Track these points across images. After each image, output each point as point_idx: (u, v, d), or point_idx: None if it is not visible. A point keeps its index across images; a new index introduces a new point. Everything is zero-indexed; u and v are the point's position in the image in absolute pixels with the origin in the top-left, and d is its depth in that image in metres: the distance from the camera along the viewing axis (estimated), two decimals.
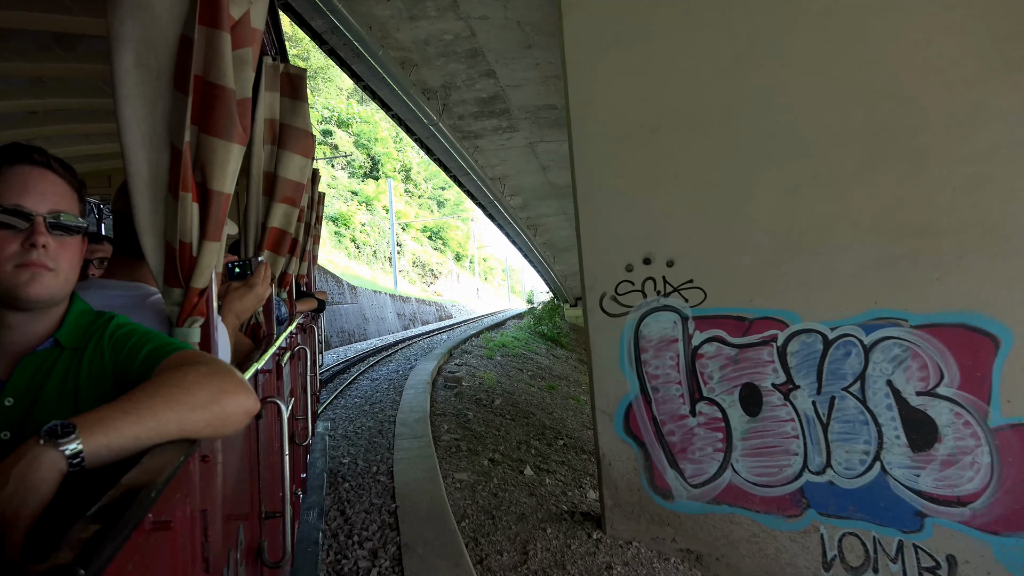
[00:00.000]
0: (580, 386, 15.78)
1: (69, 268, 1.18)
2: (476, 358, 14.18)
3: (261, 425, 2.01)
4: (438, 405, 7.88)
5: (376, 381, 9.87)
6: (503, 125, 13.84)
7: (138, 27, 1.24)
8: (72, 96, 3.13)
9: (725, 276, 4.38)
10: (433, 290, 43.23)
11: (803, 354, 4.12)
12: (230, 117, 1.36)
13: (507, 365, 14.59)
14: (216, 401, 1.06)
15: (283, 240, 2.79)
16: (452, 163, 15.42)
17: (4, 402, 1.11)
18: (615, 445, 4.43)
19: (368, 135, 48.17)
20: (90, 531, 0.64)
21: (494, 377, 11.35)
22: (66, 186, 1.19)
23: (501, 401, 8.72)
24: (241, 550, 1.57)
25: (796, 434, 4.14)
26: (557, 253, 27.49)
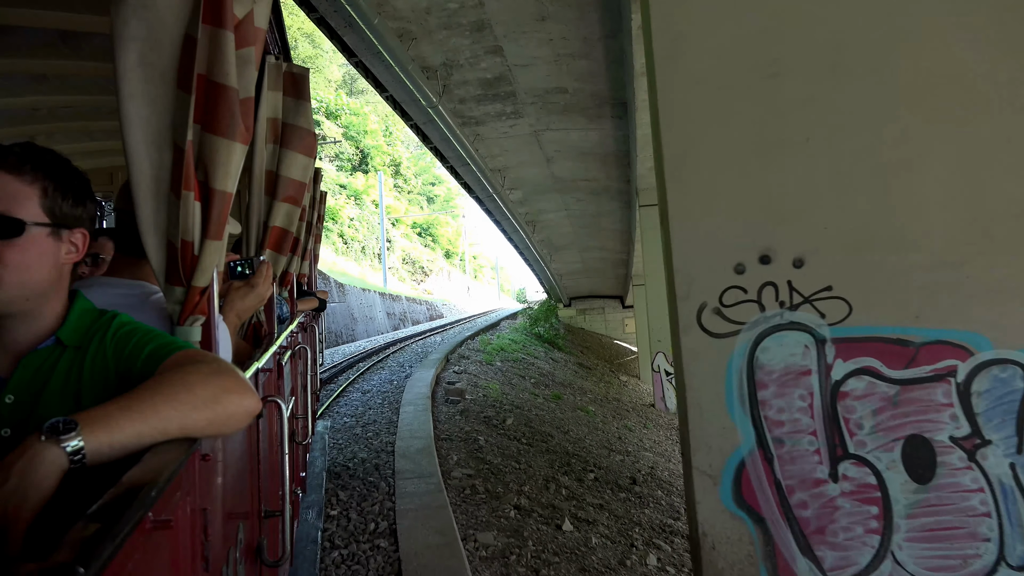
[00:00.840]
0: (585, 394, 14.69)
1: (15, 272, 1.09)
2: (475, 364, 13.04)
3: (261, 424, 1.98)
4: (442, 426, 6.76)
5: (368, 395, 8.73)
6: (507, 110, 12.69)
7: (142, 26, 1.24)
8: (75, 94, 3.09)
9: (880, 282, 2.99)
10: (423, 288, 41.90)
11: (996, 395, 2.88)
12: (233, 116, 1.37)
13: (508, 372, 13.46)
14: (218, 400, 1.07)
15: (285, 239, 2.78)
16: (450, 152, 14.24)
17: (5, 399, 1.10)
18: (721, 520, 3.07)
19: (357, 127, 46.83)
20: (90, 530, 0.65)
21: (498, 387, 10.22)
22: (17, 184, 1.10)
23: (513, 420, 7.59)
24: (241, 549, 1.54)
25: (987, 510, 2.91)
26: (554, 251, 26.37)
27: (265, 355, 2.17)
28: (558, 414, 9.82)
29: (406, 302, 31.28)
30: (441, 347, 15.45)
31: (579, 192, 18.25)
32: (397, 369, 11.30)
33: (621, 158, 15.26)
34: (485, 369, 12.64)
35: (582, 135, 13.91)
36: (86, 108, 3.34)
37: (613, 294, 40.03)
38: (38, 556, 0.61)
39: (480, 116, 12.93)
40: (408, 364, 12.12)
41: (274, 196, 2.67)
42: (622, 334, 39.82)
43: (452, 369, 11.59)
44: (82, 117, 3.45)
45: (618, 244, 25.68)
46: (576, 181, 17.22)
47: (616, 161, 15.52)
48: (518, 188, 17.60)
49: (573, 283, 35.46)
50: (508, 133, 13.79)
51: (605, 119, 13.07)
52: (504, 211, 18.35)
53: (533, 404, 10.31)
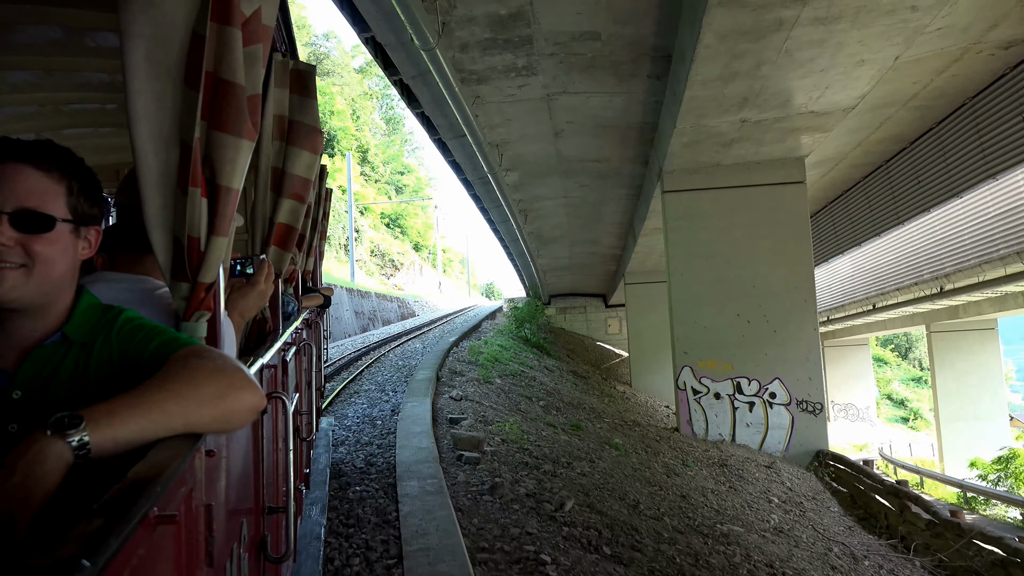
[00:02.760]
0: (600, 418, 12.15)
1: (46, 265, 1.12)
2: (473, 383, 10.41)
3: (265, 420, 1.95)
4: (472, 524, 4.06)
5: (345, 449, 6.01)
6: (518, 64, 10.05)
7: (150, 23, 1.24)
8: (81, 90, 3.04)
9: None
10: (393, 283, 38.74)
11: None
12: (240, 113, 1.38)
13: (512, 392, 10.86)
14: (223, 397, 1.07)
15: (290, 236, 2.80)
16: (443, 119, 11.55)
17: (12, 395, 1.11)
18: None
19: (323, 107, 43.57)
20: (95, 524, 0.66)
21: (515, 426, 7.59)
22: (46, 180, 1.13)
23: (574, 503, 4.96)
24: (244, 545, 1.54)
25: None
26: (543, 245, 23.77)
27: (270, 351, 2.15)
28: (599, 463, 7.23)
29: (376, 299, 28.36)
30: (426, 358, 12.74)
31: (584, 176, 15.67)
32: (378, 396, 8.64)
33: (645, 132, 12.72)
34: (486, 390, 10.02)
35: (605, 101, 11.33)
36: (92, 104, 3.23)
37: (596, 292, 37.58)
38: (43, 550, 0.62)
39: (483, 72, 10.27)
40: (391, 387, 9.44)
41: (280, 193, 2.69)
42: (604, 335, 37.42)
43: (448, 394, 8.95)
44: (88, 114, 3.33)
45: (613, 239, 23.19)
46: (584, 162, 14.63)
47: (637, 137, 12.97)
48: (515, 169, 14.96)
49: (556, 280, 32.92)
50: (515, 96, 11.14)
51: (638, 80, 10.51)
52: (497, 196, 15.69)
53: (561, 445, 7.72)
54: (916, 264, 19.96)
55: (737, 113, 10.46)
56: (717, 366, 12.89)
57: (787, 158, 12.88)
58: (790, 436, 12.57)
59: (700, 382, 12.88)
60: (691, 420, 12.84)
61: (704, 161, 12.74)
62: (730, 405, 12.77)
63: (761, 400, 12.69)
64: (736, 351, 12.83)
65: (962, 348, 26.54)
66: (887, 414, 44.82)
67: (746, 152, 12.40)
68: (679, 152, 12.06)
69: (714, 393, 12.83)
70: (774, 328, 12.75)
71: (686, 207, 13.21)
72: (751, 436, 12.66)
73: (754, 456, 11.87)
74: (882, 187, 16.66)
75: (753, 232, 12.97)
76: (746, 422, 12.72)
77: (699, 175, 13.13)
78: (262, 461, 1.94)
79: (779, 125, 11.10)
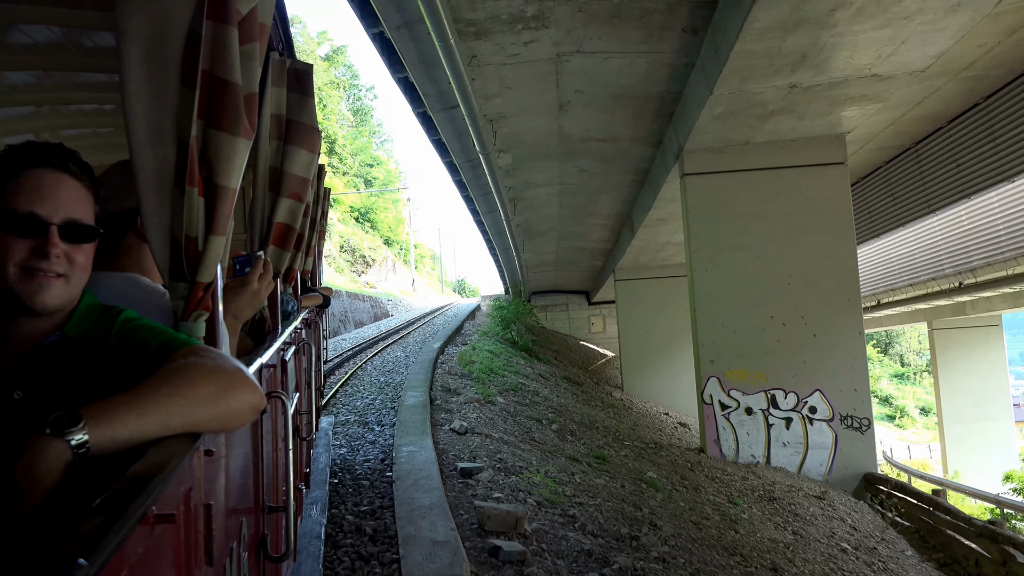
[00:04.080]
0: (620, 442, 10.35)
1: (81, 273, 1.18)
2: (473, 405, 8.51)
3: (265, 419, 1.94)
4: None
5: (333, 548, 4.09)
6: (528, 13, 8.16)
7: (146, 22, 1.24)
8: (79, 91, 3.05)
9: None
10: (364, 281, 36.42)
11: None
12: (237, 112, 1.37)
13: (518, 414, 8.99)
14: (222, 396, 1.07)
15: (289, 235, 2.79)
16: (431, 84, 9.60)
17: (14, 395, 1.10)
18: None
19: None
20: (94, 523, 0.65)
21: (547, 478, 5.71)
22: (83, 190, 1.18)
23: None
24: (244, 544, 1.53)
25: None
26: (530, 239, 21.91)
27: (269, 351, 2.14)
28: (662, 526, 5.37)
29: (347, 299, 26.17)
30: (413, 372, 10.76)
31: (585, 159, 13.81)
32: (360, 433, 6.64)
33: (664, 105, 10.91)
34: (490, 415, 8.12)
35: (624, 64, 9.48)
36: (90, 105, 3.24)
37: (578, 289, 35.85)
38: (42, 548, 0.62)
39: (484, 22, 8.35)
40: (375, 416, 7.46)
41: (278, 192, 2.67)
42: (588, 334, 35.72)
43: (449, 424, 7.03)
44: (86, 114, 3.35)
45: (606, 232, 21.41)
46: (587, 142, 12.78)
47: (655, 111, 11.15)
48: (509, 150, 13.05)
49: (538, 277, 31.09)
50: (518, 57, 9.23)
51: (670, 35, 8.68)
52: (487, 183, 13.78)
53: (602, 495, 5.87)
54: (935, 257, 18.52)
55: (789, 76, 8.69)
56: (748, 376, 11.15)
57: (826, 135, 11.18)
58: (833, 457, 10.89)
59: (729, 395, 11.12)
60: (719, 439, 11.08)
61: (733, 139, 10.97)
62: (764, 421, 11.04)
63: (799, 415, 10.98)
64: (770, 359, 11.10)
65: (966, 345, 25.33)
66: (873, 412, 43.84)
67: (782, 128, 10.65)
68: (708, 126, 10.25)
69: (745, 408, 11.08)
70: (813, 332, 11.05)
71: (710, 192, 11.44)
72: (788, 457, 10.95)
73: (796, 482, 10.16)
74: (909, 173, 15.07)
75: (787, 221, 11.25)
76: (782, 441, 11.00)
77: (725, 155, 11.37)
78: (262, 460, 1.92)
79: (831, 93, 9.36)
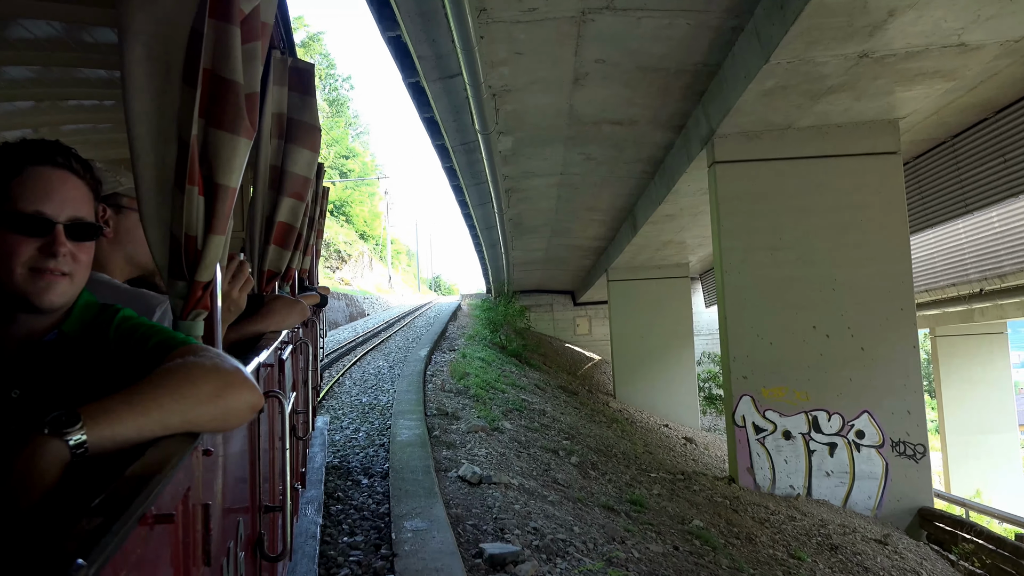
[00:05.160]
0: (646, 473, 8.86)
1: (83, 271, 1.18)
2: (479, 436, 6.94)
3: (262, 419, 1.94)
4: None
5: None
6: None
7: (148, 20, 1.23)
8: (79, 86, 3.03)
9: None
10: (339, 278, 34.33)
11: None
12: (238, 111, 1.36)
13: (530, 444, 7.45)
14: (221, 396, 1.06)
15: (289, 234, 2.76)
16: (429, 46, 8.01)
17: (11, 393, 1.09)
18: None
19: None
20: (93, 523, 0.65)
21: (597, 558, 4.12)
22: (85, 188, 1.18)
23: None
24: (241, 543, 1.52)
25: None
26: (519, 235, 20.30)
27: (266, 350, 2.09)
28: None
29: None
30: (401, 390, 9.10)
31: (595, 145, 12.28)
32: (342, 493, 4.82)
33: (697, 81, 9.39)
34: (502, 449, 6.55)
35: (662, 25, 7.95)
36: (90, 101, 3.22)
37: (564, 289, 34.37)
38: (41, 548, 0.61)
39: None
40: (361, 462, 5.68)
41: (279, 191, 2.66)
42: (573, 336, 34.28)
43: (456, 470, 5.43)
44: (86, 110, 3.33)
45: (602, 229, 19.90)
46: (600, 124, 11.23)
47: (685, 88, 9.63)
48: (511, 132, 11.45)
49: (524, 275, 29.52)
50: (536, 12, 7.65)
51: None
52: (483, 169, 12.19)
53: (660, 568, 4.32)
54: (959, 261, 17.31)
55: (864, 41, 7.22)
56: (786, 395, 9.69)
57: (879, 121, 9.78)
58: (883, 488, 9.48)
59: (764, 417, 9.65)
60: (752, 467, 9.61)
61: (775, 121, 9.49)
62: (804, 447, 9.60)
63: (845, 440, 9.56)
64: (811, 375, 9.65)
65: (971, 354, 24.27)
66: None
67: (833, 110, 9.20)
68: (750, 105, 8.76)
69: (783, 431, 9.62)
70: (861, 345, 9.62)
71: (744, 183, 9.96)
72: (832, 489, 9.52)
73: (846, 519, 8.73)
74: (944, 169, 13.72)
75: (832, 218, 9.83)
76: (825, 470, 9.56)
77: (762, 141, 9.90)
78: (259, 460, 1.89)
79: (904, 66, 7.92)
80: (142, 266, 1.75)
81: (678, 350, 22.58)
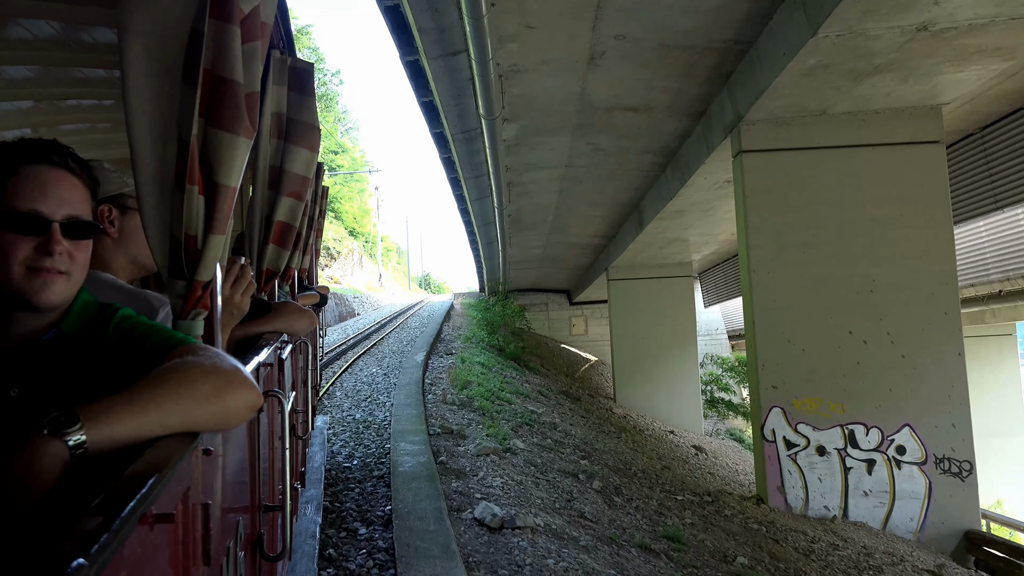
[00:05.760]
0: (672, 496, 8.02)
1: (81, 270, 1.18)
2: (490, 459, 6.05)
3: (262, 418, 1.92)
4: None
5: None
6: None
7: (148, 20, 1.23)
8: (78, 86, 3.00)
9: None
10: (329, 276, 33.18)
11: None
12: (238, 111, 1.36)
13: (547, 467, 6.59)
14: (220, 395, 1.06)
15: (288, 234, 2.77)
16: (431, 16, 7.16)
17: (10, 392, 1.09)
18: None
19: None
20: (93, 523, 0.65)
21: None
22: (82, 187, 1.18)
23: None
24: (241, 543, 1.51)
25: None
26: (518, 232, 19.40)
27: (266, 349, 2.08)
28: None
29: None
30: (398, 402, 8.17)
31: (605, 134, 11.39)
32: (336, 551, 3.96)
33: (726, 61, 8.53)
34: (519, 478, 5.65)
35: None
36: (89, 100, 3.19)
37: (559, 288, 33.51)
38: (40, 548, 0.61)
39: None
40: (355, 503, 4.69)
41: (278, 191, 2.65)
42: (568, 336, 33.42)
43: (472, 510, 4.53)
44: (85, 110, 3.30)
45: (603, 226, 19.04)
46: (613, 111, 10.34)
47: (712, 67, 8.76)
48: (516, 119, 10.54)
49: (519, 274, 28.63)
50: None
51: None
52: (483, 160, 11.29)
53: None
54: (979, 261, 16.58)
55: (927, 10, 6.37)
56: (820, 407, 8.84)
57: (921, 106, 8.93)
58: (926, 509, 8.64)
59: (796, 430, 8.79)
60: (783, 486, 8.75)
61: (811, 106, 8.63)
62: (840, 464, 8.75)
63: (884, 456, 8.72)
64: (848, 385, 8.81)
65: (980, 357, 23.57)
66: None
67: (875, 93, 8.35)
68: (786, 87, 7.90)
69: (816, 447, 8.77)
70: (901, 352, 8.79)
71: (774, 174, 9.10)
72: (870, 510, 8.67)
73: (891, 545, 7.90)
74: (974, 161, 12.91)
75: (870, 212, 8.99)
76: (863, 489, 8.72)
77: (792, 129, 9.04)
78: (258, 459, 1.88)
79: (962, 41, 7.07)
80: (146, 267, 1.73)
81: (680, 352, 21.74)
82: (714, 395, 24.68)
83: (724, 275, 25.98)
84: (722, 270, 25.63)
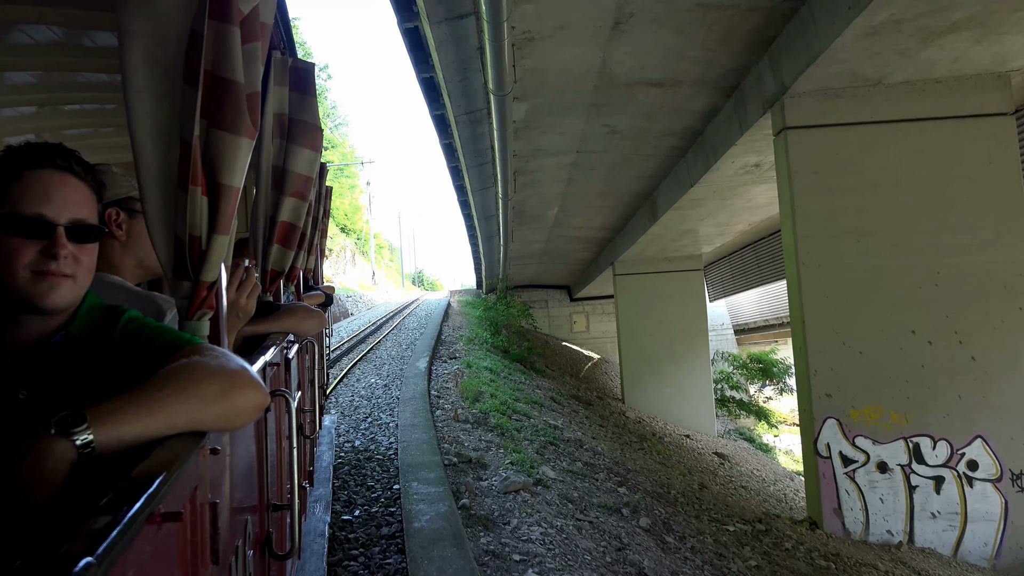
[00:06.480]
0: (722, 525, 6.95)
1: (87, 273, 1.17)
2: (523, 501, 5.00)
3: (269, 418, 1.90)
4: None
5: None
6: None
7: (148, 22, 1.23)
8: (81, 91, 3.01)
9: None
10: None
11: None
12: (239, 111, 1.35)
13: (587, 503, 5.56)
14: (226, 395, 1.05)
15: (292, 234, 2.77)
16: None
17: (18, 395, 1.08)
18: None
19: None
20: (101, 522, 0.65)
21: None
22: (87, 190, 1.17)
23: None
24: (249, 542, 1.50)
25: None
26: (521, 224, 18.29)
27: (273, 349, 2.09)
28: None
29: None
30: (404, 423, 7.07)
31: (624, 114, 10.29)
32: None
33: (772, 22, 7.45)
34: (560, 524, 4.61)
35: None
36: (92, 105, 3.19)
37: (559, 284, 32.42)
38: (48, 547, 0.60)
39: None
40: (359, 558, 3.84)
41: (281, 191, 2.66)
42: (569, 333, 32.35)
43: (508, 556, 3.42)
44: (88, 114, 3.31)
45: (612, 218, 17.95)
46: (635, 86, 9.24)
47: (755, 31, 7.67)
48: (527, 97, 9.42)
49: (519, 270, 27.55)
50: None
51: None
52: (488, 145, 10.21)
53: None
54: None
55: None
56: (881, 417, 7.78)
57: (986, 74, 7.87)
58: (1002, 532, 7.61)
59: (854, 444, 7.73)
60: (840, 508, 7.69)
61: (867, 75, 7.56)
62: (904, 482, 7.70)
63: (953, 473, 7.67)
64: (911, 392, 7.75)
65: None
66: None
67: (942, 57, 7.29)
68: (845, 50, 6.81)
69: (877, 463, 7.72)
70: (971, 353, 7.73)
71: (824, 154, 8.03)
72: (939, 534, 7.63)
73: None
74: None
75: (933, 195, 7.92)
76: (930, 510, 7.67)
77: (843, 102, 7.96)
78: (266, 459, 1.87)
79: None
80: (154, 270, 1.72)
81: (692, 349, 20.70)
82: (725, 394, 23.68)
83: (731, 268, 24.98)
84: (729, 263, 24.63)
